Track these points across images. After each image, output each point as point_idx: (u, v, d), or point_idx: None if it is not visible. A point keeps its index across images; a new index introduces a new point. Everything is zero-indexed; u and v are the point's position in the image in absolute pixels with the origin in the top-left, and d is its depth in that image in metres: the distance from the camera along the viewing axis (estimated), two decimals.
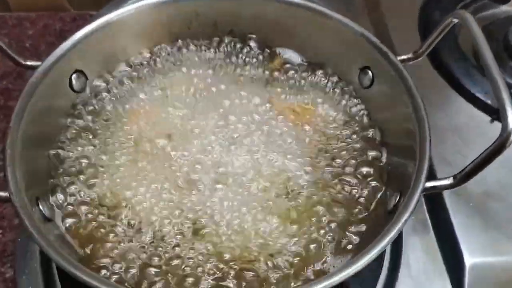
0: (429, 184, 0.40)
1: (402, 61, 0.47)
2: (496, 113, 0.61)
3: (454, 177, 0.40)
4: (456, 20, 0.44)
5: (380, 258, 0.51)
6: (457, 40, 0.68)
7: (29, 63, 0.47)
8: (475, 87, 0.62)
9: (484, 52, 0.39)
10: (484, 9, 0.74)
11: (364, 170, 0.48)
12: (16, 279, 0.49)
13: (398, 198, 0.42)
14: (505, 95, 0.37)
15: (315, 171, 0.47)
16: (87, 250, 0.42)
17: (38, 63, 0.47)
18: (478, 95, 0.62)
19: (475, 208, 0.53)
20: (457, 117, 0.61)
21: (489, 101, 0.61)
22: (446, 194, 0.54)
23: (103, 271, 0.41)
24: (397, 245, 0.52)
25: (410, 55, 0.48)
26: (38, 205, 0.41)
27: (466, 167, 0.39)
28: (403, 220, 0.37)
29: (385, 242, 0.36)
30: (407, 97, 0.45)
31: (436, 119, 0.60)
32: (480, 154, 0.38)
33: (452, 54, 0.66)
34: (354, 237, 0.43)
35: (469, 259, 0.50)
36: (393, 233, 0.36)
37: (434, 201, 0.55)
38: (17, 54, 0.47)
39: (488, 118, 0.61)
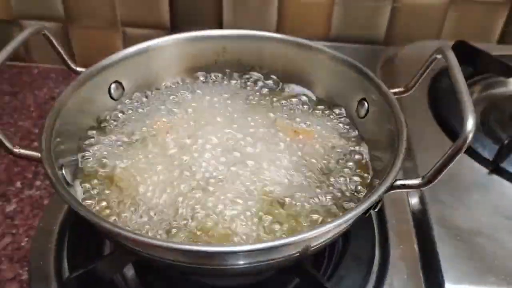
0: (400, 182, 0.44)
1: (394, 93, 0.54)
2: (493, 165, 0.64)
3: (423, 177, 0.44)
4: (439, 56, 0.50)
5: (365, 279, 0.53)
6: None
7: (78, 69, 0.57)
8: (476, 143, 0.67)
9: (457, 77, 0.45)
10: (494, 87, 0.81)
11: (353, 182, 0.53)
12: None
13: None
14: (468, 105, 0.42)
15: (308, 180, 0.52)
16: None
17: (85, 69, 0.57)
18: (479, 150, 0.66)
19: (461, 241, 0.55)
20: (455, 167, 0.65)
21: (486, 155, 0.65)
22: (435, 227, 0.57)
23: None
24: (384, 266, 0.54)
25: (401, 89, 0.55)
26: (62, 170, 0.49)
27: (432, 168, 0.43)
28: (360, 208, 0.41)
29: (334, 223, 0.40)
30: (393, 119, 0.50)
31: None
32: (443, 155, 0.42)
33: (455, 114, 0.70)
34: None
35: (450, 286, 0.51)
36: (345, 218, 0.41)
37: (424, 234, 0.57)
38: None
39: (486, 170, 0.64)
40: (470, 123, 0.40)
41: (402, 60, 0.82)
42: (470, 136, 0.40)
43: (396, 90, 0.54)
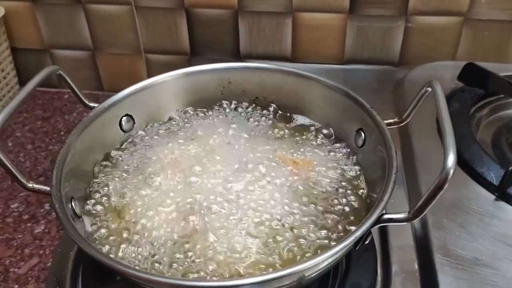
0: (387, 216, 0.45)
1: (388, 124, 0.55)
2: (499, 191, 0.64)
3: (409, 212, 0.45)
4: (429, 89, 0.51)
5: None
6: (475, 136, 0.73)
7: (91, 104, 0.61)
8: (483, 167, 0.66)
9: (442, 112, 0.46)
10: (505, 108, 0.80)
11: (348, 214, 0.54)
12: None
13: None
14: (451, 142, 0.43)
15: (303, 212, 0.54)
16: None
17: (98, 105, 0.61)
18: (485, 175, 0.65)
19: (463, 271, 0.55)
20: (460, 192, 0.65)
21: (493, 180, 0.65)
22: (437, 255, 0.57)
23: None
24: None
25: (396, 120, 0.56)
26: (71, 203, 0.52)
27: (418, 203, 0.44)
28: (345, 243, 0.42)
29: (325, 255, 0.42)
30: (385, 151, 0.52)
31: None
32: (427, 191, 0.43)
33: (470, 147, 0.69)
34: None
35: None
36: (332, 251, 0.42)
37: (426, 262, 0.58)
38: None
39: (492, 196, 0.64)
40: (451, 160, 0.41)
41: (412, 82, 0.83)
42: (451, 172, 0.41)
43: (391, 121, 0.56)
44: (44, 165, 0.83)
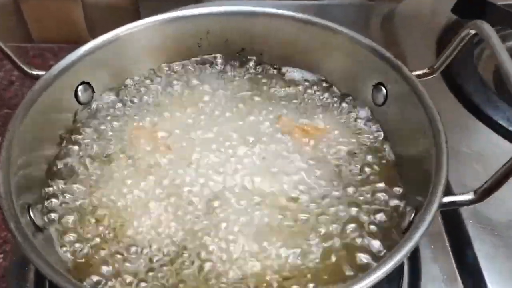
0: (447, 199, 0.36)
1: (417, 76, 0.45)
2: None
3: (475, 192, 0.37)
4: (473, 32, 0.41)
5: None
6: (477, 69, 0.66)
7: (35, 72, 0.46)
8: (498, 115, 0.60)
9: (505, 63, 0.37)
10: (505, 40, 0.72)
11: (377, 191, 0.45)
12: None
13: (413, 216, 0.39)
14: None
15: (324, 192, 0.44)
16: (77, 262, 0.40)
17: (44, 72, 0.46)
18: (502, 122, 0.59)
19: (499, 237, 0.49)
20: (479, 143, 0.58)
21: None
22: (468, 222, 0.50)
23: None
24: (415, 275, 0.48)
25: (425, 71, 0.46)
26: (29, 213, 0.39)
27: (486, 182, 0.36)
28: (417, 236, 0.34)
29: (398, 257, 0.32)
30: (423, 111, 0.42)
31: (457, 145, 0.58)
32: (501, 168, 0.35)
33: (473, 83, 0.63)
34: (365, 256, 0.40)
35: None
36: (407, 248, 0.33)
37: (456, 230, 0.51)
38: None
39: None
40: None
41: (403, 17, 0.73)
42: None
43: (419, 72, 0.46)
44: None
